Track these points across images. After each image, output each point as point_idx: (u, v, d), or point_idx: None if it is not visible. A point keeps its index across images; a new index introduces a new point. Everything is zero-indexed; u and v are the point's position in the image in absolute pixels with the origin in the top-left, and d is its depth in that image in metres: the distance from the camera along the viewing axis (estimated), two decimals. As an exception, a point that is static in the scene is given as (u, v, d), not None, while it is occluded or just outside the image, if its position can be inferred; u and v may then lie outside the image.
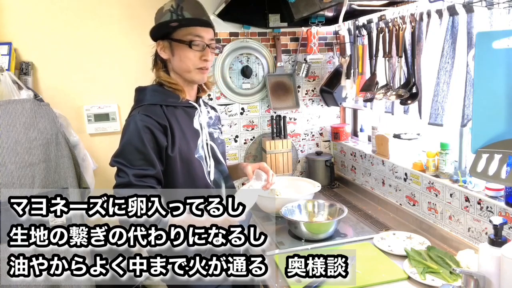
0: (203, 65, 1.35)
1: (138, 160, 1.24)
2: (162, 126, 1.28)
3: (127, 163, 1.24)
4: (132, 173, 1.22)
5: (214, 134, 1.49)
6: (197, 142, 1.39)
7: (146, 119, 1.26)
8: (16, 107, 1.85)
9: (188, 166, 1.35)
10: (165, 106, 1.33)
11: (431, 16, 1.62)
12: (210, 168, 1.42)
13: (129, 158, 1.24)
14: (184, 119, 1.37)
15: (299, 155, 2.60)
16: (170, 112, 1.33)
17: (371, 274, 1.38)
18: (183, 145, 1.33)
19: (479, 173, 1.10)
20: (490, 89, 1.10)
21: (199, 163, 1.38)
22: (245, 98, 2.46)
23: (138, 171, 1.23)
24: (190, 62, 1.34)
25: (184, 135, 1.34)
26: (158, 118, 1.28)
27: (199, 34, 1.32)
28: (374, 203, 2.12)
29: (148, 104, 1.31)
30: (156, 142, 1.27)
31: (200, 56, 1.34)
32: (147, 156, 1.25)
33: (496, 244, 1.09)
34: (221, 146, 1.52)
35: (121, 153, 1.26)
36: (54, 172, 1.90)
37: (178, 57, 1.34)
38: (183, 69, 1.36)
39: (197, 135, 1.40)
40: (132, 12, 2.33)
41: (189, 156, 1.35)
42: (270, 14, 2.26)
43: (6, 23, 2.20)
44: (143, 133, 1.25)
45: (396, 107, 1.90)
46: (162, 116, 1.30)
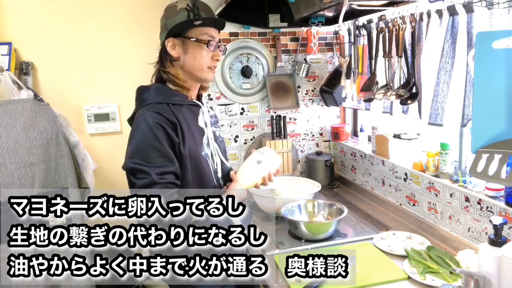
0: (214, 64, 1.39)
1: (157, 158, 1.22)
2: (172, 123, 1.27)
3: (145, 162, 1.20)
4: (154, 172, 1.20)
5: (216, 133, 1.50)
6: (203, 140, 1.39)
7: (156, 116, 1.25)
8: (16, 107, 1.85)
9: (196, 164, 1.34)
10: (171, 105, 1.33)
11: (431, 16, 1.62)
12: (217, 166, 1.43)
13: (147, 157, 1.21)
14: (190, 117, 1.37)
15: (299, 155, 2.60)
16: (177, 110, 1.33)
17: (371, 274, 1.38)
18: (191, 142, 1.33)
19: (479, 173, 1.10)
20: (490, 89, 1.10)
21: (206, 161, 1.38)
22: (245, 98, 2.46)
23: (159, 168, 1.21)
24: (204, 60, 1.35)
25: (191, 133, 1.35)
26: (167, 115, 1.27)
27: (212, 34, 1.35)
28: (374, 203, 2.12)
29: (155, 102, 1.31)
30: (169, 138, 1.26)
31: (213, 55, 1.36)
32: (164, 152, 1.23)
33: (496, 244, 1.09)
34: (222, 144, 1.53)
35: (136, 153, 1.22)
36: (54, 172, 1.90)
37: (192, 55, 1.34)
38: (196, 67, 1.36)
39: (202, 133, 1.40)
40: (132, 12, 2.33)
41: (197, 154, 1.35)
42: (270, 14, 2.26)
43: (6, 23, 2.20)
44: (156, 130, 1.23)
45: (395, 107, 1.90)
46: (170, 114, 1.29)
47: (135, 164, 1.21)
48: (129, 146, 1.25)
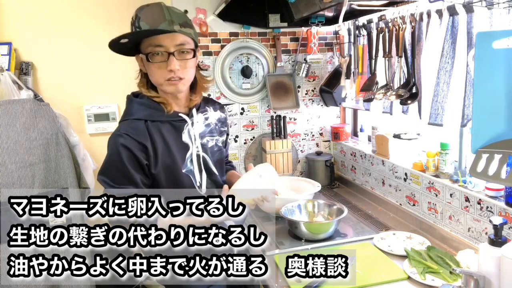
0: (170, 75, 1.25)
1: (121, 179, 1.26)
2: (141, 145, 1.27)
3: (111, 181, 1.27)
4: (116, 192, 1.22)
5: (209, 143, 1.44)
6: (186, 156, 1.36)
7: (126, 138, 1.26)
8: (16, 107, 1.85)
9: (175, 181, 1.33)
10: (151, 121, 1.30)
11: (431, 16, 1.62)
12: (202, 181, 1.39)
13: (112, 176, 1.27)
14: (171, 134, 1.34)
15: (299, 155, 2.60)
16: (155, 127, 1.30)
17: (371, 274, 1.38)
18: (167, 161, 1.31)
19: (479, 173, 1.10)
20: (490, 89, 1.10)
21: (188, 177, 1.35)
22: (245, 98, 2.46)
23: (122, 190, 1.24)
24: (156, 75, 1.27)
25: (169, 151, 1.32)
26: (138, 136, 1.27)
27: (160, 43, 1.22)
28: (374, 203, 2.12)
29: (132, 119, 1.30)
30: (136, 160, 1.27)
31: (166, 66, 1.24)
32: (127, 174, 1.26)
33: (496, 244, 1.09)
34: (218, 154, 1.47)
35: (104, 170, 1.28)
36: (54, 172, 1.90)
37: (149, 71, 1.30)
38: (156, 82, 1.31)
39: (186, 149, 1.36)
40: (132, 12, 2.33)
41: (175, 172, 1.33)
42: (270, 14, 2.26)
43: (6, 23, 2.20)
44: (122, 152, 1.25)
45: (395, 107, 1.90)
46: (143, 134, 1.28)
47: (103, 182, 1.28)
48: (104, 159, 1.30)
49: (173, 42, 1.24)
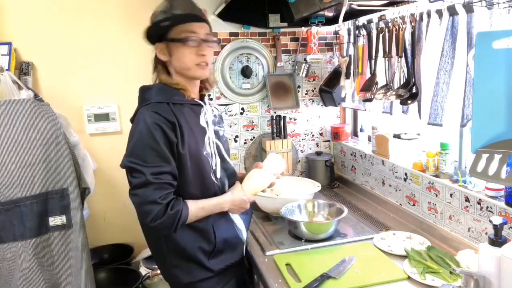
0: (201, 60, 1.35)
1: (153, 157, 1.24)
2: (171, 123, 1.28)
3: (141, 162, 1.23)
4: (149, 172, 1.22)
5: (220, 132, 1.49)
6: (204, 139, 1.39)
7: (155, 116, 1.26)
8: (16, 107, 1.85)
9: (197, 163, 1.35)
10: (172, 104, 1.33)
11: (431, 16, 1.62)
12: (216, 166, 1.42)
13: (143, 157, 1.24)
14: (191, 117, 1.37)
15: (299, 155, 2.60)
16: (177, 109, 1.33)
17: (371, 274, 1.38)
18: (192, 142, 1.33)
19: (479, 173, 1.10)
20: (490, 89, 1.10)
21: (207, 160, 1.38)
22: (245, 98, 2.46)
23: (154, 168, 1.23)
24: (187, 59, 1.34)
25: (192, 132, 1.35)
26: (166, 115, 1.28)
27: (193, 30, 1.32)
28: (374, 203, 2.12)
29: (155, 102, 1.31)
30: (167, 138, 1.27)
31: (197, 51, 1.33)
32: (160, 153, 1.25)
33: (496, 244, 1.09)
34: (226, 144, 1.53)
35: (133, 152, 1.25)
36: (54, 172, 1.90)
37: (176, 56, 1.34)
38: (183, 68, 1.36)
39: (204, 132, 1.40)
40: (132, 12, 2.33)
41: (198, 153, 1.35)
42: (270, 14, 2.26)
43: (6, 23, 2.20)
44: (153, 130, 1.24)
45: (395, 107, 1.90)
46: (170, 113, 1.29)
47: (132, 163, 1.24)
48: (128, 144, 1.28)
49: (204, 30, 1.35)
